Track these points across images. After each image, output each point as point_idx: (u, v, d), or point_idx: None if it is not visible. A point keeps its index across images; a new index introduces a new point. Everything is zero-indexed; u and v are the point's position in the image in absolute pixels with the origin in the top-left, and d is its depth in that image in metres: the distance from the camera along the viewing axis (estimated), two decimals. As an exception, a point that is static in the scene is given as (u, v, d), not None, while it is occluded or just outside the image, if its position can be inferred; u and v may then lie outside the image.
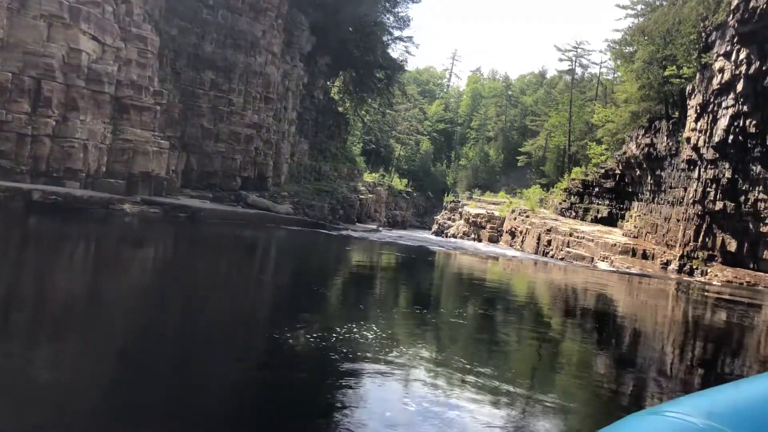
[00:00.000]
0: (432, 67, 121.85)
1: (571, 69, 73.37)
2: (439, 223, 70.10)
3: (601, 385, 7.38)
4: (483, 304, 13.74)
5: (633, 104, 39.20)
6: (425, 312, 11.64)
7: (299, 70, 34.41)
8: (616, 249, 32.75)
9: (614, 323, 13.31)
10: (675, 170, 33.16)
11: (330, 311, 10.51)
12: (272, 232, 25.20)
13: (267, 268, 16.54)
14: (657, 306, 18.02)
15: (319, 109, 47.50)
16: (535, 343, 9.98)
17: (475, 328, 10.49)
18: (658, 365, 9.11)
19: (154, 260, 14.84)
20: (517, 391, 6.28)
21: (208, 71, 28.66)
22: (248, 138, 30.40)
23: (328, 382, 5.96)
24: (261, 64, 30.28)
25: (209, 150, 29.09)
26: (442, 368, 6.96)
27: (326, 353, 6.85)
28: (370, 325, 8.66)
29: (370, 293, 13.75)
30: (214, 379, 5.83)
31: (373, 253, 24.16)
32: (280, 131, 33.12)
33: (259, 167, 31.47)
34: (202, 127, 28.84)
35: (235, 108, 29.75)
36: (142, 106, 24.62)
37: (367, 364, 6.64)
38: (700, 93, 29.10)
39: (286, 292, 12.50)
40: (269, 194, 30.54)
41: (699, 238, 28.42)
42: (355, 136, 63.64)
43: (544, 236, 41.01)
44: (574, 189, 48.29)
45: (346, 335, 7.77)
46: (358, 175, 51.54)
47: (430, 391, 5.93)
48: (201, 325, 8.29)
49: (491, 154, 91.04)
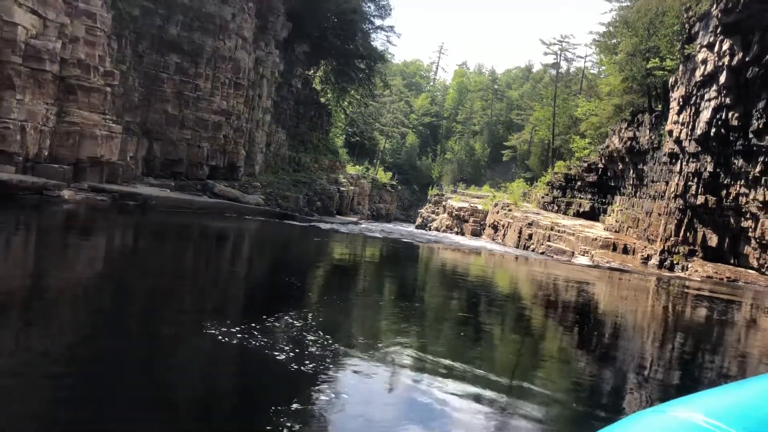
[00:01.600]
0: (418, 60, 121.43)
1: (556, 63, 73.05)
2: (423, 216, 69.69)
3: (580, 384, 7.21)
4: (456, 308, 13.15)
5: (616, 97, 38.74)
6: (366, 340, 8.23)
7: (275, 57, 33.36)
8: (597, 243, 32.29)
9: (590, 324, 12.76)
10: (657, 164, 32.70)
11: (231, 311, 8.97)
12: (229, 223, 23.74)
13: (192, 260, 14.78)
14: (635, 304, 17.50)
15: (299, 99, 46.70)
16: (509, 344, 9.41)
17: (448, 340, 9.89)
18: (634, 367, 8.59)
19: (64, 249, 13.32)
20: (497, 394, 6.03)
21: (173, 54, 27.34)
22: (216, 125, 29.20)
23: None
24: (230, 48, 29.10)
25: (174, 137, 27.76)
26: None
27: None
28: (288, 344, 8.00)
29: (294, 295, 10.72)
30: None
31: (339, 246, 23.02)
32: (253, 119, 32.09)
33: (229, 156, 30.34)
34: (166, 112, 27.51)
35: (202, 94, 28.46)
36: (90, 86, 22.95)
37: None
38: (682, 85, 28.61)
39: (197, 286, 11.03)
40: (240, 184, 29.51)
41: (680, 233, 27.97)
42: (339, 128, 62.81)
43: (526, 230, 40.54)
44: (556, 183, 47.89)
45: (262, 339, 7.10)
46: (340, 167, 50.84)
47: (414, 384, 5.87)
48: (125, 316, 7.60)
49: (477, 148, 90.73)
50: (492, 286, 17.69)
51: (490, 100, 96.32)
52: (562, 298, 15.98)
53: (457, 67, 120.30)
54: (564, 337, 10.57)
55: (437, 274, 19.14)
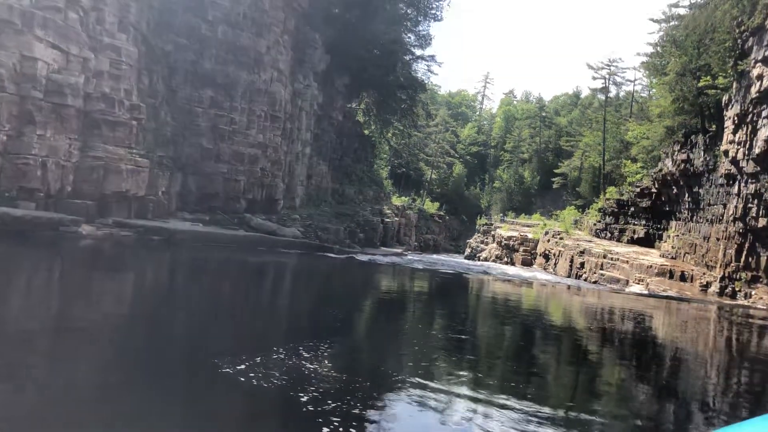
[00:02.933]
0: (464, 90, 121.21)
1: (605, 87, 71.48)
2: (472, 246, 68.52)
3: (639, 421, 7.01)
4: (508, 345, 12.39)
5: (667, 119, 37.34)
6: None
7: (313, 89, 33.39)
8: (652, 271, 30.77)
9: (647, 358, 11.77)
10: (713, 186, 31.15)
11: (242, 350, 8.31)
12: (258, 257, 22.97)
13: (197, 299, 13.42)
14: (695, 335, 16.28)
15: (342, 131, 46.73)
16: (563, 380, 8.62)
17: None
18: (696, 404, 7.70)
19: (66, 286, 12.60)
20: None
21: (207, 89, 27.41)
22: (253, 158, 28.97)
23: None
24: (266, 81, 29.06)
25: (209, 171, 27.65)
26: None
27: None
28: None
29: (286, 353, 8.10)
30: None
31: (367, 282, 21.61)
32: (292, 152, 32.00)
33: (267, 189, 30.10)
34: (201, 146, 27.50)
35: (238, 127, 28.36)
36: (115, 120, 22.74)
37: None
38: (737, 103, 27.26)
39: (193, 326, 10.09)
40: (278, 217, 29.25)
41: (741, 258, 26.37)
42: (383, 160, 62.65)
43: (577, 258, 39.13)
44: (608, 209, 46.38)
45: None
46: (384, 199, 50.45)
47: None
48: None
49: (526, 176, 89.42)
50: (543, 319, 16.68)
51: (538, 128, 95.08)
52: (617, 331, 14.96)
53: (504, 95, 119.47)
54: (621, 372, 9.75)
55: (485, 310, 18.17)
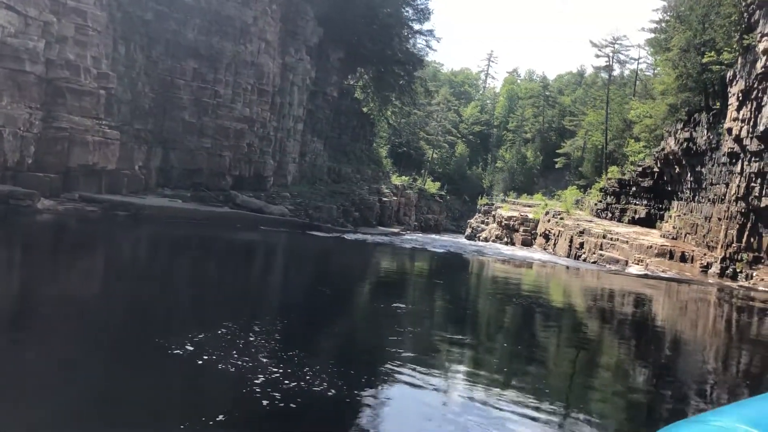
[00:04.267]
0: (467, 68, 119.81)
1: (609, 65, 70.36)
2: (473, 226, 68.02)
3: (636, 403, 7.00)
4: (502, 334, 11.86)
5: (670, 96, 36.46)
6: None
7: (306, 63, 32.40)
8: (652, 251, 30.16)
9: (645, 342, 11.22)
10: (716, 165, 30.40)
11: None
12: (234, 234, 21.79)
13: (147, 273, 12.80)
14: (694, 320, 15.71)
15: (341, 109, 45.92)
16: (562, 366, 8.07)
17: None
18: (692, 387, 7.17)
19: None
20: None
21: (190, 60, 26.21)
22: (239, 133, 27.92)
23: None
24: (252, 53, 27.90)
25: (192, 146, 26.55)
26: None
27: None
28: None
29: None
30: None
31: (345, 262, 20.72)
32: (283, 128, 31.17)
33: (255, 166, 29.20)
34: (184, 120, 26.34)
35: (223, 100, 27.22)
36: (81, 89, 21.31)
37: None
38: (742, 79, 26.43)
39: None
40: (266, 195, 28.53)
41: (743, 239, 25.71)
42: (383, 138, 61.77)
43: (577, 239, 38.53)
44: (610, 189, 45.66)
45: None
46: (383, 178, 49.77)
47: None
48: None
49: (529, 156, 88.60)
50: (539, 305, 16.05)
51: (541, 107, 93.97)
52: (614, 315, 14.40)
53: (507, 74, 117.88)
54: (618, 360, 9.27)
55: (466, 293, 17.57)
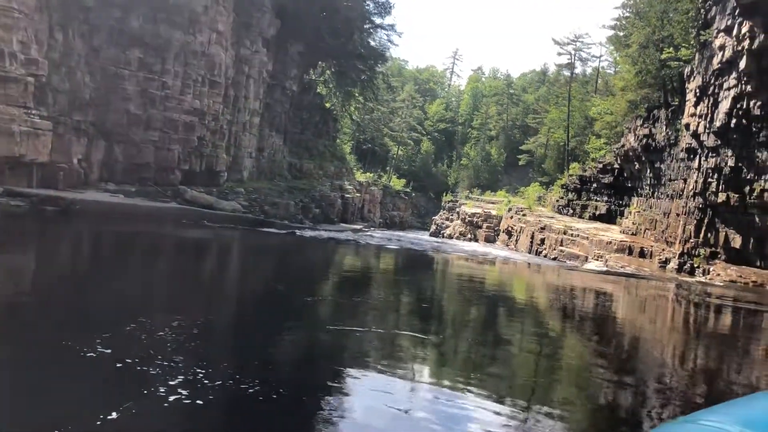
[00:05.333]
0: (432, 66, 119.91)
1: (571, 63, 71.00)
2: (437, 223, 67.97)
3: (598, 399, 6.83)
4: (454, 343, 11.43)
5: (630, 92, 36.67)
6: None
7: (262, 56, 31.48)
8: (612, 247, 30.21)
9: (599, 348, 10.92)
10: (674, 161, 30.59)
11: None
12: (174, 230, 20.54)
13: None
14: (650, 317, 15.52)
15: (302, 105, 45.22)
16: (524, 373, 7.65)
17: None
18: (651, 386, 6.82)
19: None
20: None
21: (135, 49, 25.00)
22: (188, 126, 26.79)
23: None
24: (203, 43, 26.83)
25: (138, 139, 25.38)
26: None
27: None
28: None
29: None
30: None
31: (295, 258, 19.50)
32: (238, 122, 30.29)
33: (207, 160, 28.13)
34: (129, 112, 25.15)
35: (171, 92, 26.07)
36: (5, 76, 19.92)
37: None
38: (699, 75, 26.57)
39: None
40: (219, 190, 27.64)
41: (700, 234, 25.84)
42: (347, 135, 61.14)
43: (538, 235, 38.56)
44: (571, 185, 45.84)
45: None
46: (346, 174, 49.23)
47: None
48: None
49: (493, 154, 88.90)
50: (501, 304, 15.63)
51: (505, 105, 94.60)
52: (575, 313, 14.09)
53: (472, 72, 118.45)
54: (580, 356, 8.97)
55: (427, 292, 17.09)
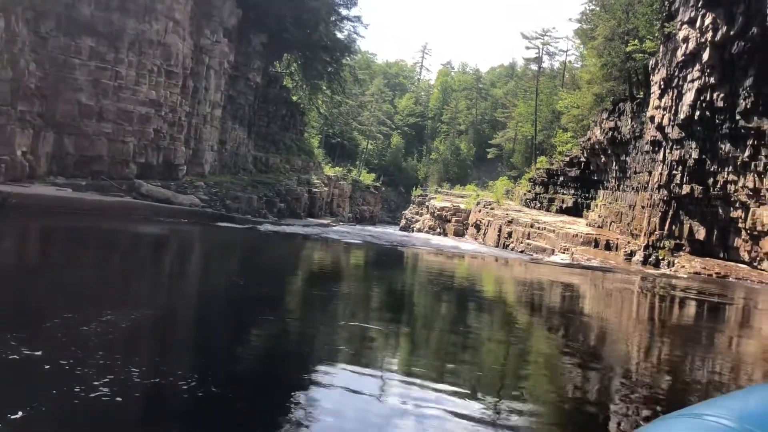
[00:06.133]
0: (402, 60, 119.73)
1: (538, 57, 71.22)
2: (407, 217, 67.79)
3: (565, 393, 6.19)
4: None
5: (596, 85, 36.74)
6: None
7: (223, 46, 30.66)
8: (578, 240, 30.20)
9: (561, 345, 10.63)
10: (640, 153, 30.67)
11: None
12: (121, 224, 19.40)
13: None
14: (613, 311, 15.35)
15: (269, 97, 44.47)
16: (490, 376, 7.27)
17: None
18: (616, 381, 6.50)
19: None
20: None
21: (86, 37, 23.95)
22: (144, 118, 25.90)
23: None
24: (159, 31, 25.92)
25: (90, 131, 24.35)
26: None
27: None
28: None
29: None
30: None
31: (249, 253, 18.49)
32: (199, 114, 29.47)
33: (164, 153, 27.30)
34: (80, 103, 24.11)
35: (125, 82, 25.09)
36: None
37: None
38: (663, 67, 26.60)
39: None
40: (177, 184, 26.81)
41: (665, 226, 25.90)
42: (315, 128, 60.48)
43: (505, 228, 38.48)
44: (538, 179, 45.91)
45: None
46: (314, 168, 48.61)
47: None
48: None
49: (462, 148, 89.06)
50: (469, 300, 15.28)
51: (474, 99, 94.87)
52: (542, 307, 13.82)
53: (442, 66, 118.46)
54: (547, 350, 8.63)
55: (386, 291, 16.74)
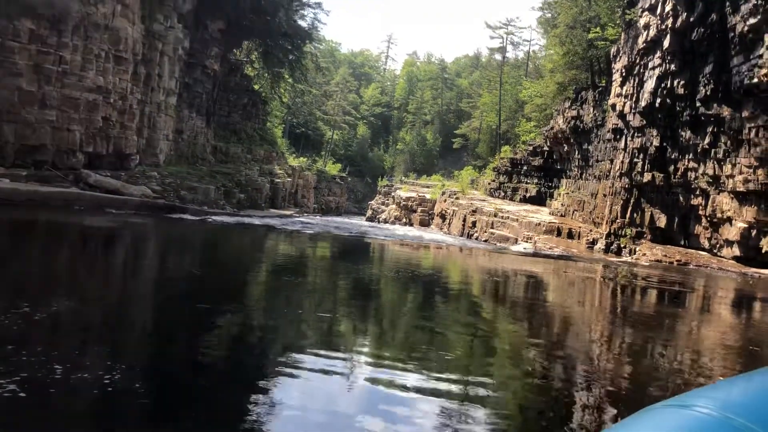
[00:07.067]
0: (367, 50, 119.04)
1: (502, 47, 71.22)
2: (373, 208, 67.53)
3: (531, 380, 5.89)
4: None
5: (558, 74, 36.65)
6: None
7: (177, 32, 29.52)
8: (541, 228, 30.09)
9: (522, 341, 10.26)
10: (601, 142, 30.65)
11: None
12: (62, 217, 18.19)
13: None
14: (573, 301, 15.09)
15: (229, 86, 43.49)
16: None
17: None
18: (581, 371, 6.11)
19: None
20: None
21: (26, 19, 22.64)
22: (91, 105, 24.69)
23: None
24: (106, 15, 24.72)
25: (32, 118, 23.14)
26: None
27: None
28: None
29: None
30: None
31: (197, 247, 17.23)
32: (152, 101, 28.43)
33: (115, 142, 26.18)
34: (20, 89, 22.86)
35: (69, 67, 23.86)
36: None
37: None
38: (625, 54, 26.53)
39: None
40: (129, 174, 25.81)
41: (627, 214, 25.90)
42: (278, 118, 59.56)
43: (470, 218, 38.31)
44: (502, 168, 45.84)
45: None
46: (276, 158, 47.75)
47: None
48: None
49: (428, 138, 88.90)
50: (435, 290, 14.84)
51: (440, 90, 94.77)
52: (506, 297, 13.46)
53: (407, 56, 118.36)
54: (512, 338, 8.21)
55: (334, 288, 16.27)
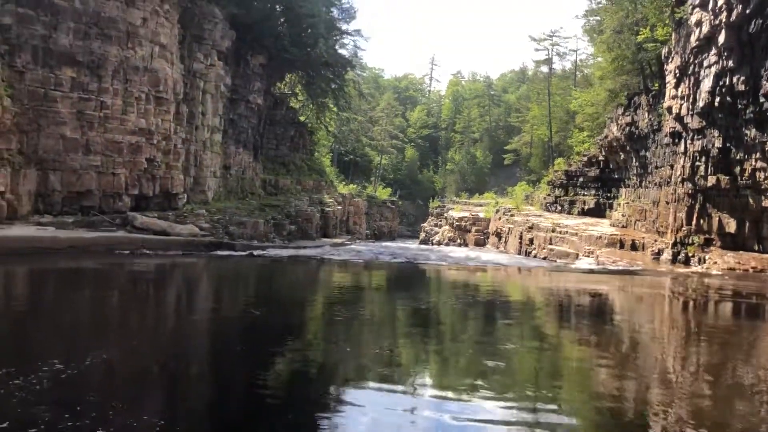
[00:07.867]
0: (411, 74, 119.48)
1: (548, 58, 70.09)
2: (426, 230, 66.84)
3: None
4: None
5: (609, 80, 35.47)
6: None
7: (218, 69, 30.02)
8: (602, 242, 28.84)
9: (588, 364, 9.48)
10: (659, 147, 29.30)
11: None
12: (85, 264, 17.72)
13: None
14: (640, 324, 14.09)
15: (275, 119, 44.01)
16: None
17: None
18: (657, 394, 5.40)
19: None
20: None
21: (66, 68, 23.07)
22: (134, 147, 25.03)
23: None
24: (144, 57, 25.17)
25: (76, 165, 23.47)
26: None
27: None
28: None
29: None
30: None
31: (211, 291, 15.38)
32: (197, 140, 28.79)
33: (161, 182, 26.51)
34: (64, 137, 23.16)
35: (111, 112, 24.20)
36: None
37: None
38: (677, 54, 25.32)
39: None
40: (177, 214, 26.00)
41: (692, 221, 24.48)
42: (325, 147, 59.96)
43: (526, 234, 37.21)
44: (557, 181, 44.61)
45: None
46: (326, 187, 47.82)
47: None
48: None
49: (478, 156, 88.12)
50: (496, 316, 14.13)
51: (487, 107, 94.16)
52: (571, 318, 12.65)
53: (452, 76, 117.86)
54: (582, 362, 7.53)
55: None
